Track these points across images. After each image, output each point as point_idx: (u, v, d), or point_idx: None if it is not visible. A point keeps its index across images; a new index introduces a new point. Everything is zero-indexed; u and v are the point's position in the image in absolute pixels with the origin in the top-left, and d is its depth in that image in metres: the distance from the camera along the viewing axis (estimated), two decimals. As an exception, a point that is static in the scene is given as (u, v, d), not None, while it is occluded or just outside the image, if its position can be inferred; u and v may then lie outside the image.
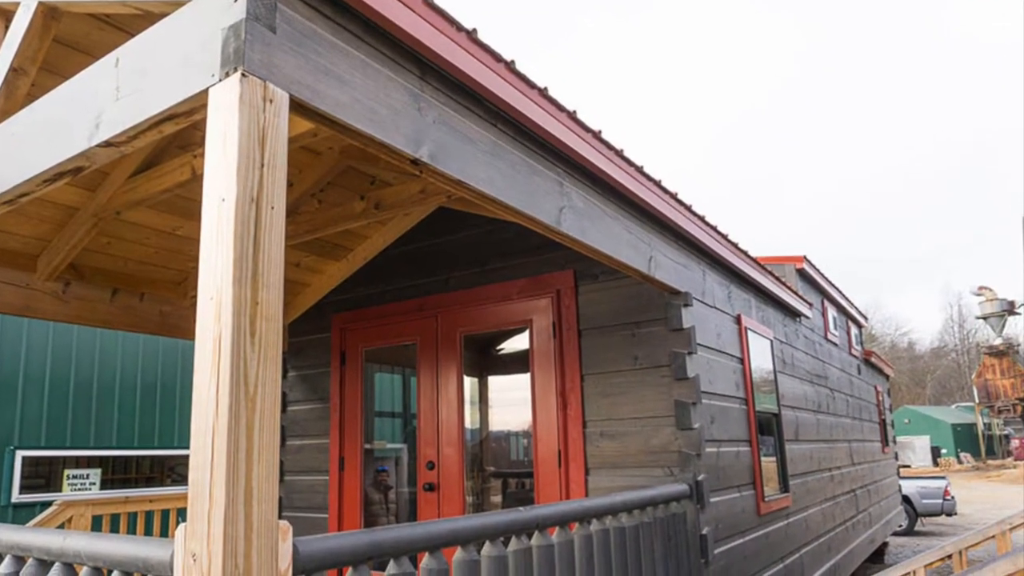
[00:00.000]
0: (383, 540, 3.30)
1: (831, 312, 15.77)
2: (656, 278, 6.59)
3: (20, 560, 3.45)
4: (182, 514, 10.46)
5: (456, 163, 4.02)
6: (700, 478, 6.79)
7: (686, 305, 7.18)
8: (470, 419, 8.79)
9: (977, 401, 73.15)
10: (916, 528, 23.19)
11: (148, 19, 3.57)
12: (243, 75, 2.81)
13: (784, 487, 9.68)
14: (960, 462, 67.62)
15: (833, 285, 16.08)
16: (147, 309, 8.59)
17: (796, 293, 11.85)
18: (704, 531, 6.73)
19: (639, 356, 7.41)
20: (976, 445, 73.73)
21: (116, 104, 3.36)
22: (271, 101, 2.89)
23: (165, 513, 10.20)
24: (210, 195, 2.81)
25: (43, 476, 12.58)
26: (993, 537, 10.44)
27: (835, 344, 15.60)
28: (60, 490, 12.70)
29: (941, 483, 23.06)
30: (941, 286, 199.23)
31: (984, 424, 75.57)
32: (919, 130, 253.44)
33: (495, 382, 9.48)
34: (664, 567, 5.96)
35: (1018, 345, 73.65)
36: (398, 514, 9.68)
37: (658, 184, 6.56)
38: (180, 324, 8.86)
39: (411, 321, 9.12)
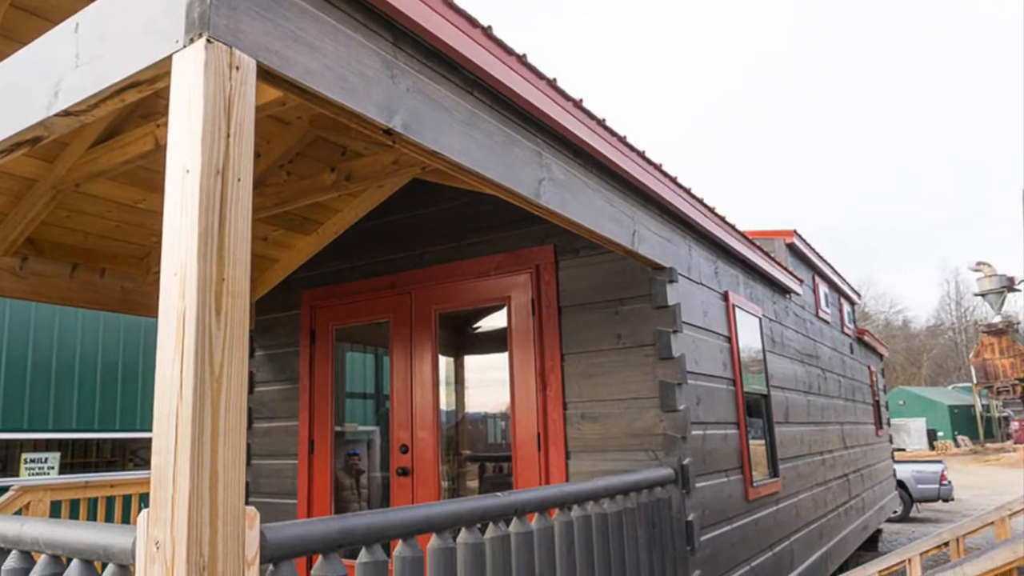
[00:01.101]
0: (354, 527, 3.30)
1: (823, 289, 15.84)
2: (640, 253, 6.60)
3: (-25, 548, 3.44)
4: (145, 500, 10.44)
5: (431, 133, 4.02)
6: (686, 462, 6.82)
7: (671, 281, 7.19)
8: (445, 401, 8.80)
9: (975, 382, 73.34)
10: (911, 514, 23.30)
11: (108, -19, 3.56)
12: (208, 41, 2.79)
13: (773, 472, 9.74)
14: (957, 445, 67.94)
15: (825, 261, 16.14)
16: (108, 285, 8.57)
17: (786, 269, 11.89)
18: (690, 517, 6.77)
19: (622, 334, 7.44)
20: (974, 427, 74.05)
21: (76, 71, 3.34)
22: (237, 68, 2.88)
23: (127, 499, 10.20)
24: (174, 166, 2.80)
25: (-1, 460, 12.56)
26: (992, 524, 10.43)
27: (827, 322, 15.67)
28: (17, 475, 12.67)
29: (937, 467, 23.14)
30: (937, 262, 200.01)
31: (982, 406, 75.88)
32: (915, 101, 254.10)
33: (471, 362, 9.50)
34: (648, 554, 5.99)
35: (1018, 323, 73.86)
36: (370, 500, 9.69)
37: (642, 155, 6.56)
38: (142, 301, 8.84)
39: (384, 298, 9.13)
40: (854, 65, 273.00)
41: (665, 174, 7.08)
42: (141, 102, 6.30)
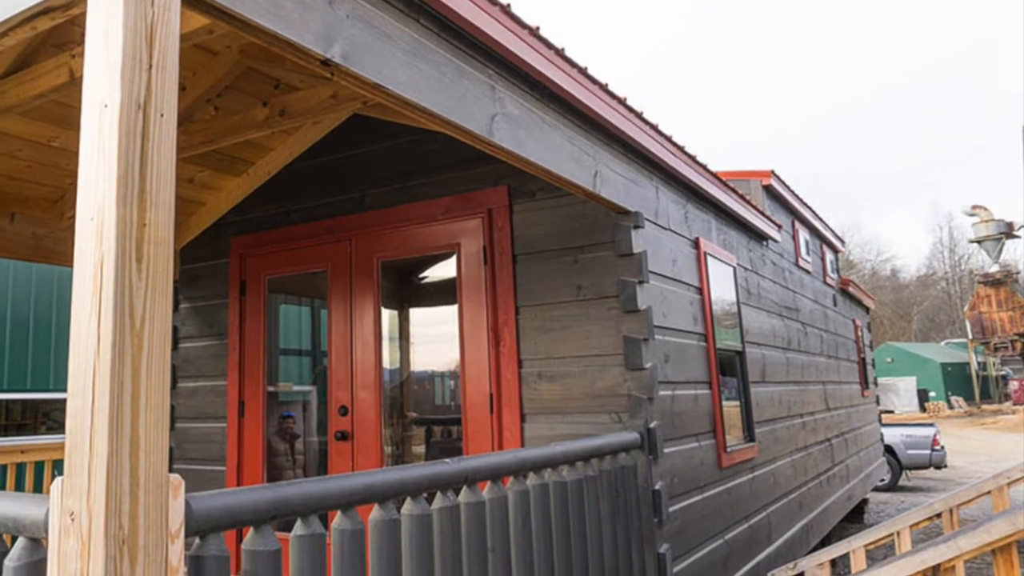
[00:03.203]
0: (289, 496, 3.30)
1: (803, 235, 15.94)
2: (602, 196, 6.63)
3: None
4: (59, 467, 10.42)
5: (373, 64, 4.03)
6: (652, 425, 6.88)
7: (636, 227, 7.22)
8: (389, 358, 8.83)
9: (970, 337, 73.75)
10: (900, 483, 23.59)
11: None
12: (126, -38, 2.77)
13: (749, 436, 9.84)
14: (951, 407, 68.71)
15: (805, 204, 16.21)
16: (18, 231, 8.50)
17: (763, 213, 11.96)
18: (657, 486, 6.84)
19: (583, 285, 7.48)
20: (969, 387, 74.85)
21: (-21, -4, 3.32)
22: (159, -9, 2.86)
23: (39, 466, 10.14)
24: (90, 101, 2.78)
25: None
26: (989, 493, 10.54)
27: (807, 272, 15.79)
28: (-83, 439, 12.61)
29: (929, 431, 23.38)
30: (929, 205, 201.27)
31: (978, 363, 76.68)
32: (902, 25, 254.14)
33: (417, 315, 9.51)
34: (611, 527, 6.05)
35: (1017, 273, 74.26)
36: (306, 467, 9.72)
37: (604, 88, 6.57)
38: (56, 248, 8.79)
39: (321, 245, 9.13)
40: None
41: (630, 109, 7.09)
42: (54, 30, 6.22)
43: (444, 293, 8.42)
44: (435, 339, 8.97)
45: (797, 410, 12.62)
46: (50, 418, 14.44)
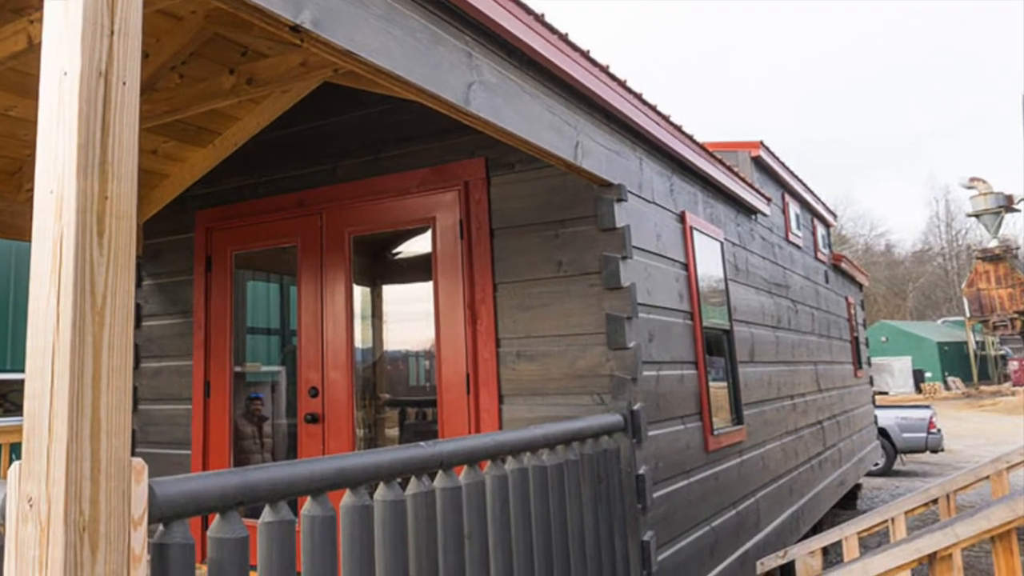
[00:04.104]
0: (256, 481, 3.30)
1: (793, 209, 15.97)
2: (583, 167, 6.64)
3: None
4: (16, 450, 10.41)
5: (344, 30, 4.03)
6: (636, 407, 6.90)
7: (619, 200, 7.24)
8: (361, 337, 8.85)
9: (968, 315, 74.12)
10: (895, 467, 23.71)
11: None
12: (86, -78, 2.76)
13: (737, 418, 9.89)
14: (947, 388, 68.93)
15: (796, 176, 16.24)
16: (-26, 205, 8.49)
17: (751, 186, 11.98)
18: (641, 471, 6.86)
19: (563, 261, 7.49)
20: (967, 368, 75.04)
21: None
22: (121, -46, 2.85)
23: (-6, 449, 10.13)
24: (49, 68, 2.77)
25: None
26: (987, 478, 10.57)
27: (798, 247, 15.84)
28: None
29: (925, 413, 23.47)
30: (925, 177, 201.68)
31: (976, 343, 76.84)
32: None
33: (391, 292, 9.53)
34: (593, 513, 6.07)
35: (1016, 248, 74.51)
36: (275, 450, 9.75)
37: (586, 55, 6.57)
38: (14, 222, 8.76)
39: (290, 219, 9.12)
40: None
41: (613, 77, 7.09)
42: (12, -6, 6.23)
43: (419, 269, 8.42)
44: (409, 317, 8.97)
45: (787, 391, 12.67)
46: (7, 400, 14.39)
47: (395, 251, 9.47)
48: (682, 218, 8.99)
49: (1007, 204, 72.64)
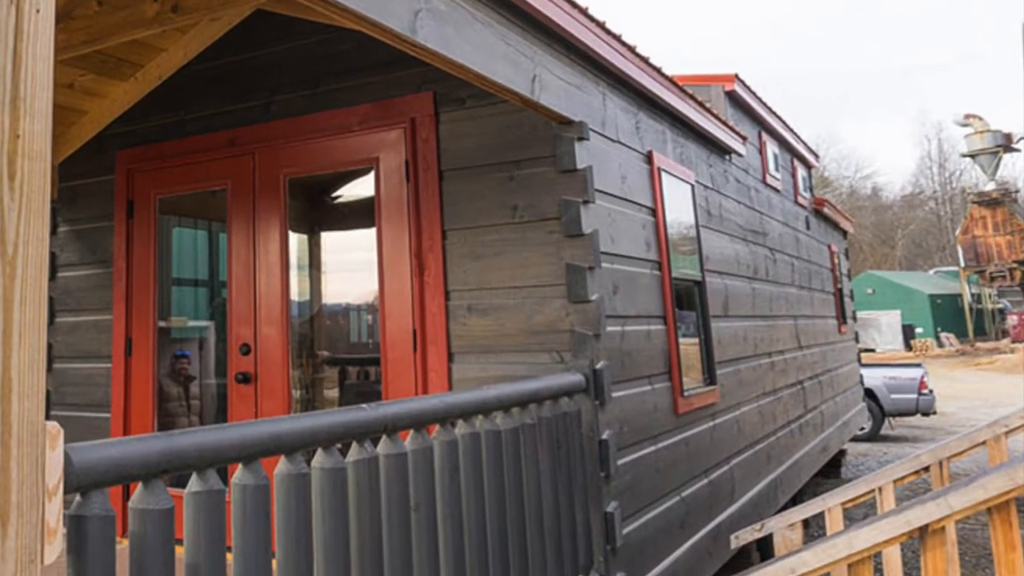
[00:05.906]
0: (183, 447, 3.29)
1: (771, 148, 16.01)
2: (541, 103, 6.64)
3: None
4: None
5: (274, -51, 4.02)
6: (599, 366, 6.92)
7: (580, 138, 7.22)
8: (297, 289, 8.84)
9: (963, 265, 74.48)
10: (883, 432, 23.87)
11: None
12: None
13: (709, 378, 9.96)
14: (940, 345, 69.41)
15: (774, 113, 16.28)
16: None
17: (725, 123, 12.01)
18: (604, 435, 6.89)
19: (519, 206, 7.49)
20: (961, 322, 75.52)
21: None
22: None
23: None
24: (-49, -7, 2.75)
25: None
26: (984, 443, 10.61)
27: (776, 190, 15.90)
28: None
29: (916, 372, 23.61)
30: (915, 114, 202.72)
31: (972, 295, 77.28)
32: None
33: (331, 240, 9.52)
34: (552, 482, 6.10)
35: (1016, 192, 74.73)
36: (203, 413, 9.73)
37: (544, -22, 6.56)
38: (-85, 165, 8.68)
39: (220, 160, 9.07)
40: None
41: (574, 4, 7.07)
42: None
43: (361, 215, 8.42)
44: (351, 267, 8.96)
45: (764, 348, 12.76)
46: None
47: (335, 195, 9.46)
48: (649, 159, 9.00)
49: (1005, 143, 72.69)
